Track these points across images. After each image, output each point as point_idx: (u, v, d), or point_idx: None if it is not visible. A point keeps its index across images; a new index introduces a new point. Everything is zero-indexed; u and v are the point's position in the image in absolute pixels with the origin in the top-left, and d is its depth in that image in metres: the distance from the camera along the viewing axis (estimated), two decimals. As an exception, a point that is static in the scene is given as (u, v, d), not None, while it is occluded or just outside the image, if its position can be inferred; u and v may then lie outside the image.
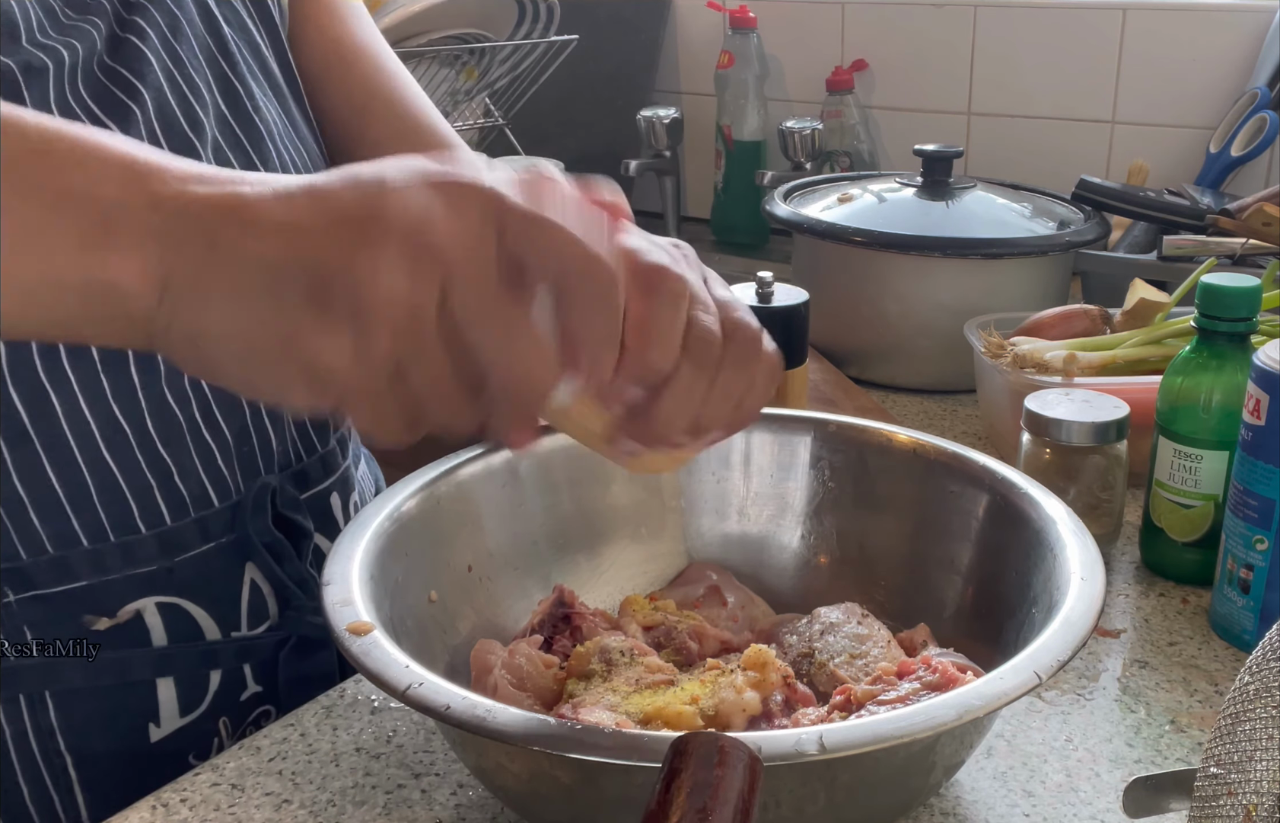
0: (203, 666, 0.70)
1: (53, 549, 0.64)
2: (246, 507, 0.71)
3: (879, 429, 0.75)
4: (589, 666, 0.62)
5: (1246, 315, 0.77)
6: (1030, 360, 0.97)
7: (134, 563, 0.67)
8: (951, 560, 0.70)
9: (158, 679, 0.68)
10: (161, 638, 0.68)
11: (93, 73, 0.65)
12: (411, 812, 0.60)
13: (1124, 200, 1.29)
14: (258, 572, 0.72)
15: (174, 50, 0.69)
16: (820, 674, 0.64)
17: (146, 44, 0.67)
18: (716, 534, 0.76)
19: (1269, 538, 0.71)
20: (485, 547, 0.70)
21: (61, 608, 0.65)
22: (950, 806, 0.60)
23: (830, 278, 1.20)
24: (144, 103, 0.66)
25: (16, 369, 0.62)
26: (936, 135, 1.57)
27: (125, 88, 0.65)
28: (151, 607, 0.68)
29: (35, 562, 0.64)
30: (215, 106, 0.70)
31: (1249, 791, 0.44)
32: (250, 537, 0.71)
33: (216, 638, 0.70)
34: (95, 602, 0.66)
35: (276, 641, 0.73)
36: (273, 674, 0.73)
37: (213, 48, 0.71)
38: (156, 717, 0.69)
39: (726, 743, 0.36)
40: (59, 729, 0.66)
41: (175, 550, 0.68)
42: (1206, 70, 1.50)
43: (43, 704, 0.65)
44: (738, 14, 1.80)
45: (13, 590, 0.64)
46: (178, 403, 0.67)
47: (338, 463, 0.80)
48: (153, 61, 0.67)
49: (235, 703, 0.72)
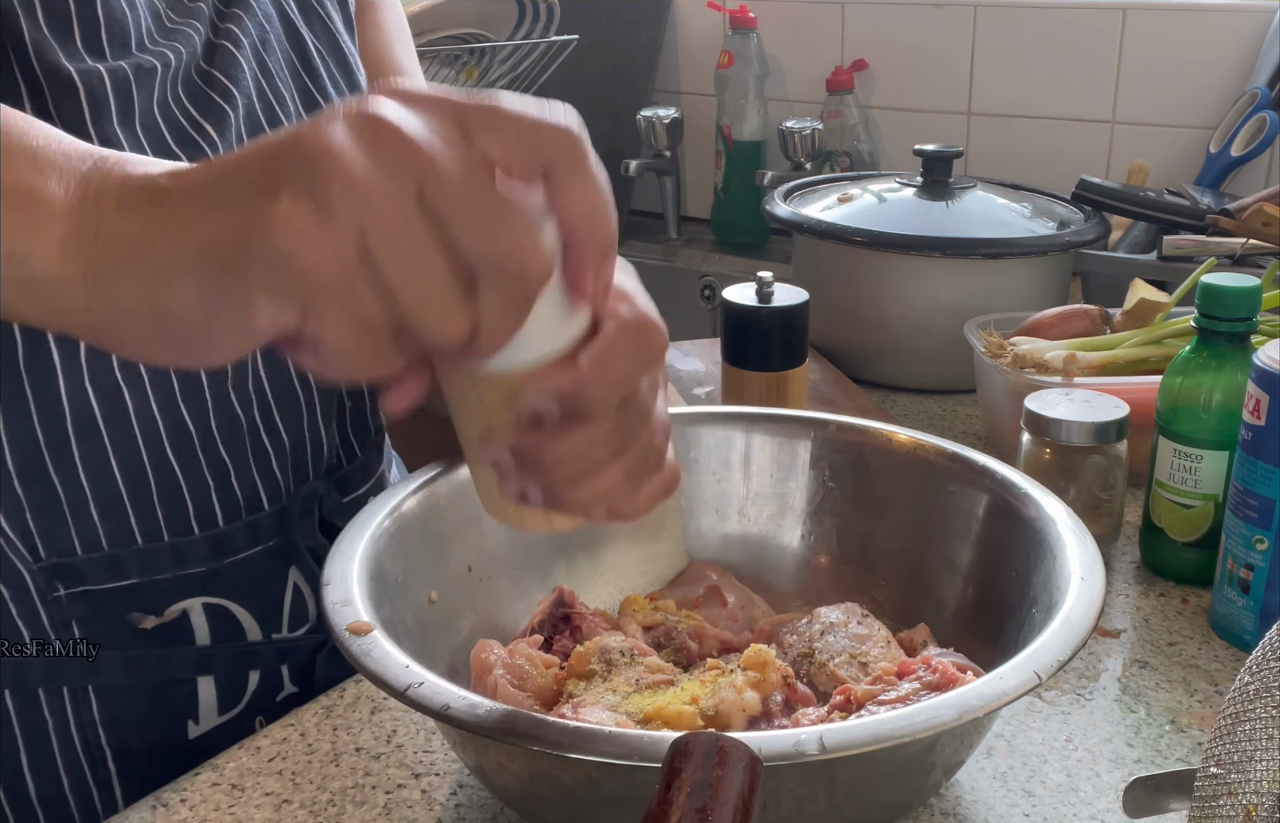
0: (243, 666, 0.71)
1: (108, 546, 0.65)
2: (294, 511, 0.72)
3: (879, 429, 0.75)
4: (589, 665, 0.62)
5: (1246, 315, 0.77)
6: (1030, 360, 0.97)
7: (184, 564, 0.67)
8: (951, 560, 0.70)
9: (199, 678, 0.69)
10: (205, 638, 0.69)
11: (191, 77, 0.66)
12: (411, 812, 0.60)
13: (1124, 200, 1.29)
14: (300, 575, 0.73)
15: (263, 60, 0.70)
16: (820, 674, 0.64)
17: (240, 51, 0.68)
18: (716, 534, 0.76)
19: (1269, 538, 0.71)
20: (485, 547, 0.70)
21: (110, 605, 0.66)
22: (950, 806, 0.60)
23: (830, 278, 1.20)
24: (237, 107, 0.67)
25: (92, 364, 0.62)
26: (936, 135, 1.57)
27: (222, 92, 0.67)
28: (198, 607, 0.68)
29: (88, 558, 0.65)
30: (298, 117, 0.71)
31: (1249, 791, 0.44)
32: (296, 540, 0.72)
33: (258, 639, 0.71)
34: (143, 600, 0.67)
35: (315, 643, 0.74)
36: (309, 675, 0.74)
37: (296, 61, 0.73)
38: (195, 714, 0.69)
39: (726, 743, 0.36)
40: (100, 723, 0.67)
41: (225, 553, 0.69)
42: (1206, 70, 1.50)
43: (85, 698, 0.66)
44: (738, 14, 1.80)
45: (64, 586, 0.64)
46: (241, 405, 0.68)
47: (376, 467, 0.81)
48: (245, 69, 0.68)
49: (272, 703, 0.73)
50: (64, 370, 0.62)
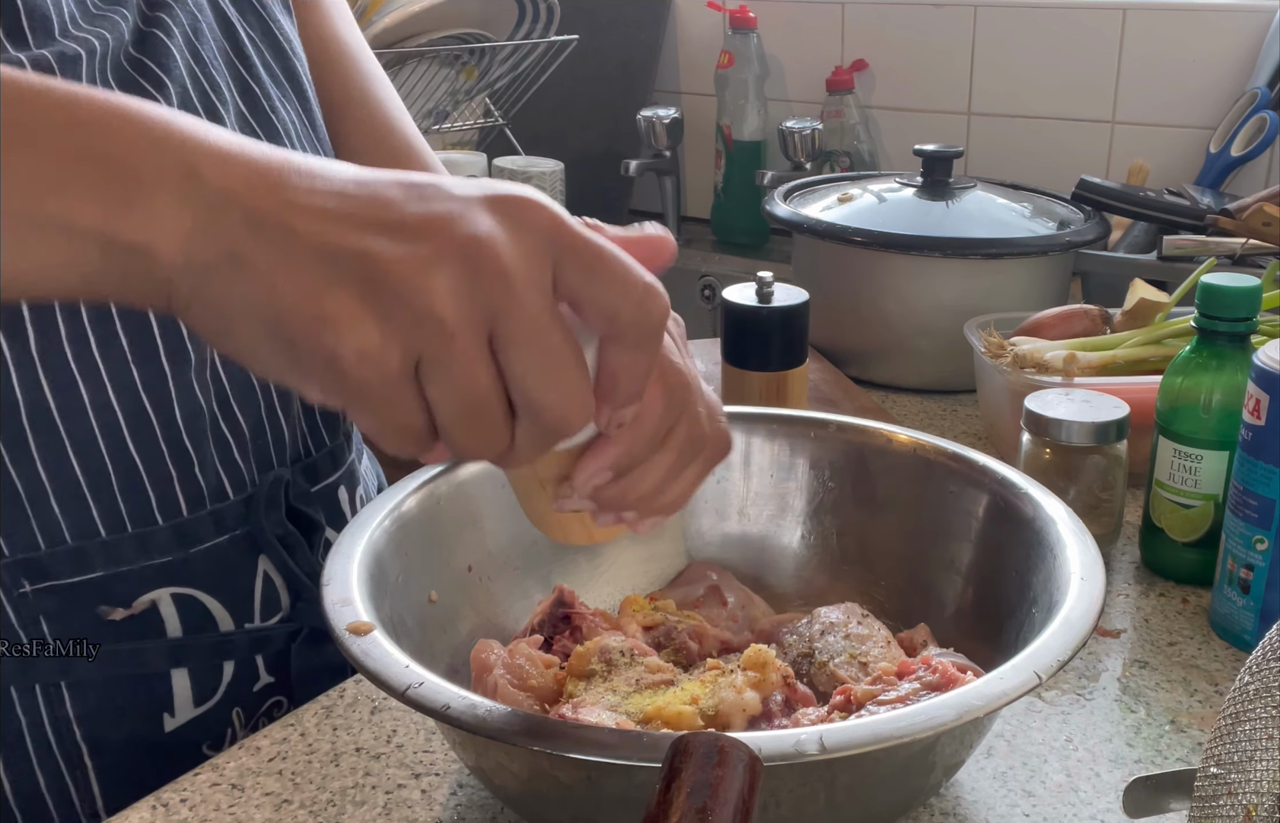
0: (216, 657, 0.70)
1: (71, 539, 0.65)
2: (260, 499, 0.71)
3: (879, 429, 0.75)
4: (589, 666, 0.62)
5: (1246, 315, 0.77)
6: (1030, 360, 0.97)
7: (149, 554, 0.67)
8: (951, 560, 0.70)
9: (172, 670, 0.69)
10: (176, 629, 0.69)
11: (120, 63, 0.66)
12: (411, 812, 0.60)
13: (1124, 200, 1.29)
14: (270, 564, 0.73)
15: (196, 49, 0.70)
16: (820, 674, 0.64)
17: (171, 40, 0.68)
18: (716, 534, 0.76)
19: (1269, 538, 0.71)
20: (485, 547, 0.70)
21: (77, 599, 0.65)
22: (950, 806, 0.60)
23: (830, 278, 1.20)
24: (169, 96, 0.67)
25: (47, 356, 0.62)
26: (936, 135, 1.57)
27: (152, 80, 0.66)
28: (166, 598, 0.68)
29: (53, 552, 0.64)
30: (235, 105, 0.71)
31: (1249, 791, 0.44)
32: (263, 529, 0.71)
33: (230, 629, 0.71)
34: (111, 593, 0.66)
35: (289, 632, 0.73)
36: (285, 665, 0.73)
37: (230, 52, 0.73)
38: (171, 707, 0.69)
39: (726, 743, 0.36)
40: (75, 719, 0.66)
41: (190, 542, 0.69)
42: (1206, 70, 1.50)
43: (58, 694, 0.66)
44: (738, 14, 1.80)
45: (29, 582, 0.64)
46: (201, 394, 0.68)
47: (345, 456, 0.81)
48: (177, 57, 0.68)
49: (248, 694, 0.72)
50: (16, 364, 0.61)
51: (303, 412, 0.76)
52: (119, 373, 0.64)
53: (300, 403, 0.76)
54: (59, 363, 0.63)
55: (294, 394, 0.75)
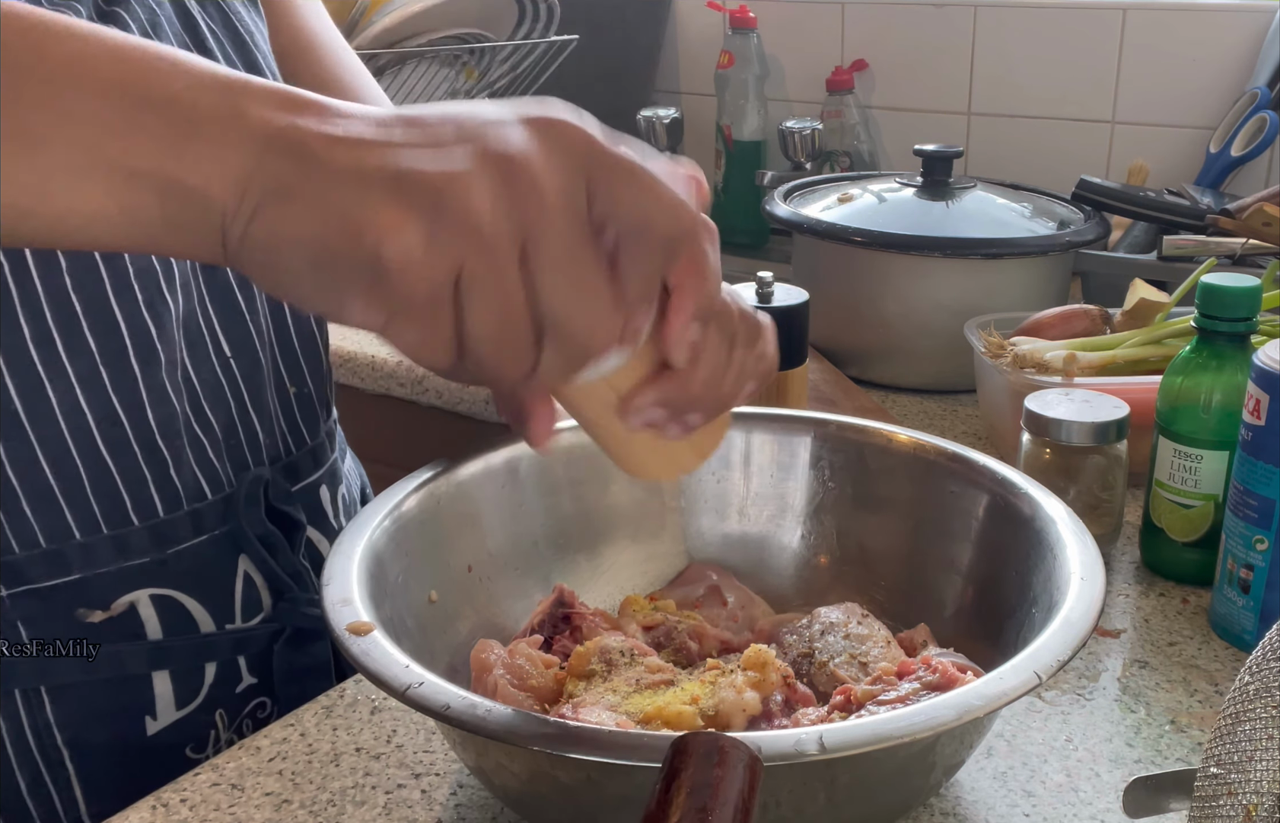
0: (198, 658, 0.70)
1: (45, 543, 0.64)
2: (239, 499, 0.71)
3: (879, 429, 0.75)
4: (589, 665, 0.62)
5: (1246, 315, 0.77)
6: (1030, 360, 0.97)
7: (127, 555, 0.67)
8: (951, 560, 0.70)
9: (153, 672, 0.68)
10: (156, 631, 0.68)
11: None
12: (411, 812, 0.60)
13: (1124, 200, 1.29)
14: (251, 564, 0.72)
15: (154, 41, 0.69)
16: (820, 674, 0.64)
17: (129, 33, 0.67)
18: (716, 534, 0.76)
19: (1269, 538, 0.71)
20: (485, 547, 0.70)
21: (55, 602, 0.65)
22: (950, 806, 0.60)
23: (830, 278, 1.20)
24: None
25: (12, 360, 0.62)
26: (936, 135, 1.57)
27: None
28: (145, 599, 0.68)
29: (29, 555, 0.64)
30: None
31: (1249, 791, 0.44)
32: (243, 529, 0.71)
33: (211, 630, 0.71)
34: (89, 595, 0.66)
35: (271, 633, 0.73)
36: (268, 666, 0.73)
37: (190, 44, 0.72)
38: (153, 710, 0.69)
39: (726, 743, 0.36)
40: (55, 724, 0.66)
41: (168, 543, 0.68)
42: (1206, 70, 1.50)
43: (39, 699, 0.66)
44: (738, 14, 1.80)
45: (5, 586, 0.64)
46: (174, 394, 0.68)
47: (326, 455, 0.80)
48: None
49: (231, 695, 0.72)
50: None
51: (282, 411, 0.76)
52: (87, 375, 0.64)
53: (278, 402, 0.76)
54: (25, 366, 0.62)
55: (269, 393, 0.74)
